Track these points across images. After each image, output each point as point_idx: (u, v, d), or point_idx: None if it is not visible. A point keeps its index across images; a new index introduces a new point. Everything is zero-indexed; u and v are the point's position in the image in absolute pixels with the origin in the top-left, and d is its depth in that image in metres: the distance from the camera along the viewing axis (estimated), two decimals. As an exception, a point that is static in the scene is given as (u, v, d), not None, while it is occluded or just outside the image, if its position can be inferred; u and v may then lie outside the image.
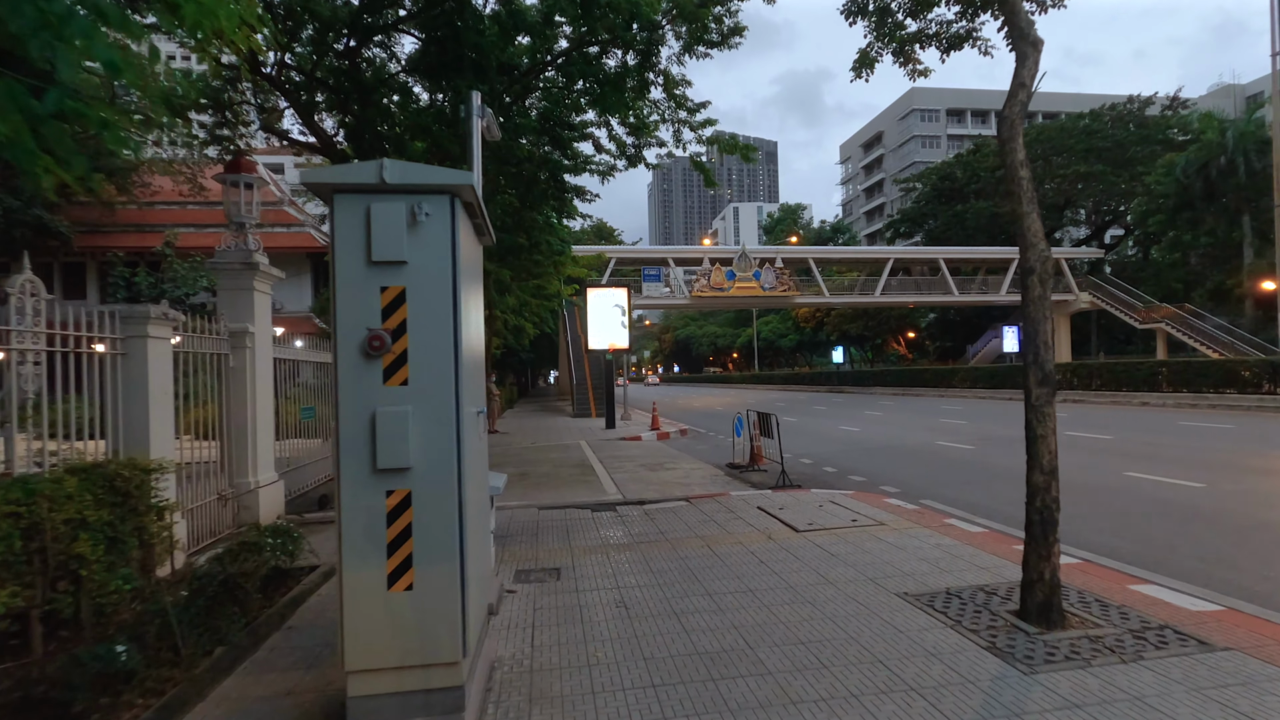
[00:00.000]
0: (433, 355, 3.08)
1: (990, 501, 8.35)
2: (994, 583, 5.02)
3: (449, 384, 3.09)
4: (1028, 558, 4.24)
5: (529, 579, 5.51)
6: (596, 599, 4.98)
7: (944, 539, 6.29)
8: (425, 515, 3.02)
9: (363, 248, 3.03)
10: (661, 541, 6.56)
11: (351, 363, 3.01)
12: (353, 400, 2.99)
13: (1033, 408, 4.34)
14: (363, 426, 2.98)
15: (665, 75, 13.92)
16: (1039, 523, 4.22)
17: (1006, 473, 10.24)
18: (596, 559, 6.03)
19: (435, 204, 3.12)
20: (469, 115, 6.15)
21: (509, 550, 6.38)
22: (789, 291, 43.11)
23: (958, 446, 13.50)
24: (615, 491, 9.37)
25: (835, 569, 5.47)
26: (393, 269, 3.06)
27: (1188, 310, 37.90)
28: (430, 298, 3.09)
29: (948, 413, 22.95)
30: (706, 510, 7.89)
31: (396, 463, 2.98)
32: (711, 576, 5.40)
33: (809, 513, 7.54)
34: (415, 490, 3.01)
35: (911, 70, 9.86)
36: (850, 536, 6.47)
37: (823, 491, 8.91)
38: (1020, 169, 4.55)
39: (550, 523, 7.52)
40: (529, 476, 10.90)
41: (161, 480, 5.15)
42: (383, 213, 3.03)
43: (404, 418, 2.99)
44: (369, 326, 3.02)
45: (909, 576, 5.23)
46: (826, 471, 11.17)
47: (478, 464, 3.60)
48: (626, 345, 21.69)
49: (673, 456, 13.39)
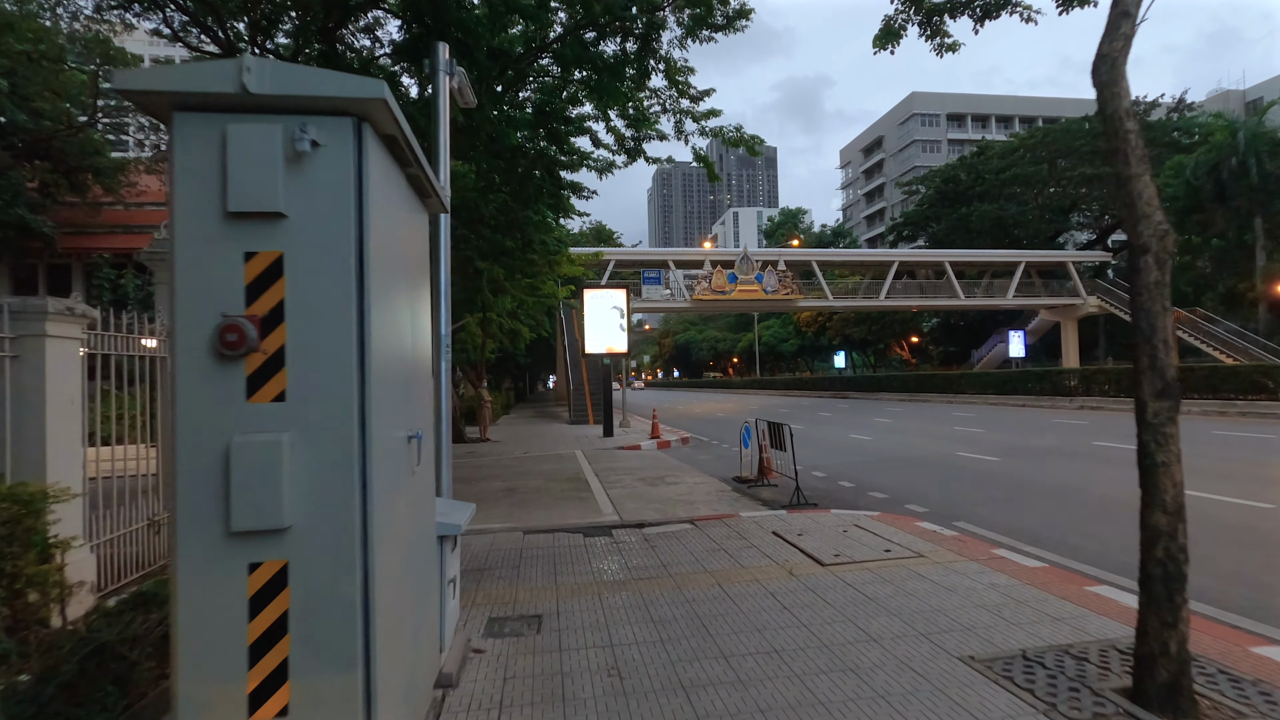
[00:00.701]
0: (325, 357, 2.07)
1: (1035, 525, 7.32)
2: (1079, 642, 3.99)
3: (349, 399, 2.08)
4: (1145, 623, 3.22)
5: (503, 630, 4.48)
6: (584, 662, 3.95)
7: (998, 576, 5.27)
8: (310, 600, 2.00)
9: (216, 192, 2.02)
10: (664, 578, 5.53)
11: (196, 367, 2.00)
12: (196, 425, 1.98)
13: (1149, 426, 3.31)
14: (211, 465, 1.97)
15: (667, 62, 12.97)
16: (1161, 578, 3.20)
17: (1044, 489, 9.22)
18: (586, 602, 5.00)
19: (331, 130, 2.11)
20: (434, 71, 5.16)
21: (483, 589, 5.35)
22: (792, 295, 42.09)
23: (981, 458, 12.47)
24: (611, 511, 8.33)
25: (877, 619, 4.44)
26: (263, 226, 2.05)
27: (1199, 314, 36.92)
28: (323, 270, 2.09)
29: (961, 420, 21.92)
30: (714, 535, 6.86)
31: (262, 521, 1.96)
32: (725, 629, 4.37)
33: (833, 540, 6.51)
34: (294, 562, 2.00)
35: (939, 45, 8.87)
36: (886, 572, 5.44)
37: (844, 513, 7.88)
38: (1125, 120, 3.54)
39: (536, 551, 6.49)
40: (517, 492, 9.86)
41: (66, 508, 4.18)
42: (247, 139, 2.02)
43: (275, 451, 1.97)
44: (224, 312, 2.01)
45: (970, 631, 4.21)
46: (843, 487, 10.14)
47: (410, 510, 2.58)
48: (625, 349, 20.65)
49: (674, 468, 12.36)
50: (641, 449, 16.02)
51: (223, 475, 1.95)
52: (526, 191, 15.24)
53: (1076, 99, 78.63)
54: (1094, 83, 3.70)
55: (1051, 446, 13.75)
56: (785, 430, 9.15)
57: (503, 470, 12.38)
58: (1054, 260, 45.00)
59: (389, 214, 2.41)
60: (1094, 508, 8.01)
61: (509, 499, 9.30)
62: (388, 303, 2.35)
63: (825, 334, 64.43)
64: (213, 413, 1.98)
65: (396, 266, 2.51)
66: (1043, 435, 16.09)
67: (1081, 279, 44.18)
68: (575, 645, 4.20)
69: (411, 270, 2.80)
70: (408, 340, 2.63)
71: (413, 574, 2.68)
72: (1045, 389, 29.39)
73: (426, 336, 3.06)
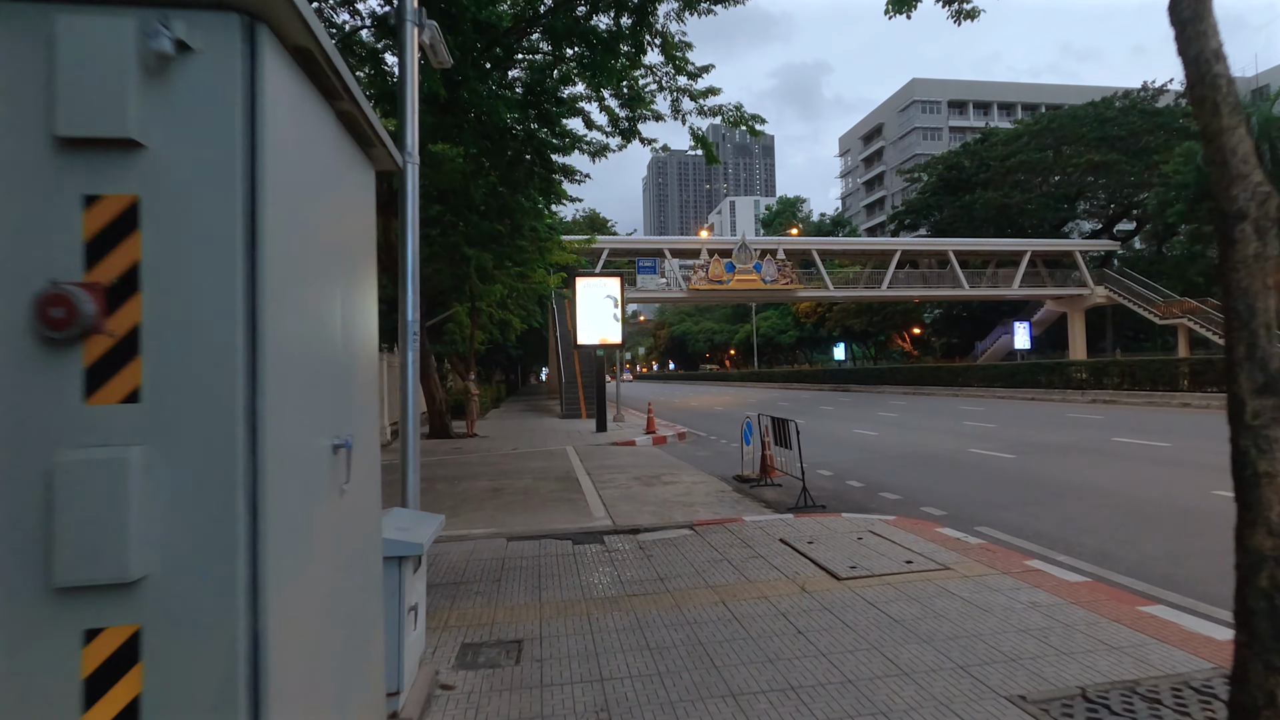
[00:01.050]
0: (200, 342, 1.50)
1: (1064, 530, 6.78)
2: (1146, 678, 3.44)
3: (231, 399, 1.50)
4: (1246, 667, 2.67)
5: (477, 660, 3.92)
6: (568, 702, 3.40)
7: (1037, 593, 4.72)
8: (171, 680, 1.44)
9: (41, 109, 1.44)
10: (661, 594, 4.98)
11: (8, 356, 1.42)
12: (4, 436, 1.40)
13: (1248, 429, 2.74)
14: (26, 492, 1.40)
15: (664, 36, 12.34)
16: (1267, 613, 2.65)
17: (1068, 490, 8.68)
18: (573, 623, 4.45)
19: (210, 30, 1.53)
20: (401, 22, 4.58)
21: (458, 607, 4.79)
22: (791, 284, 41.39)
23: (995, 455, 11.92)
24: (603, 514, 7.77)
25: (906, 647, 3.89)
26: (111, 160, 1.48)
27: (1211, 305, 36.34)
28: (199, 222, 1.51)
29: (969, 414, 21.38)
30: (716, 543, 6.31)
31: (101, 572, 1.40)
32: (732, 658, 3.82)
33: (847, 548, 5.96)
34: (149, 628, 1.44)
35: (957, 12, 8.29)
36: (911, 588, 4.89)
37: (855, 516, 7.33)
38: (1214, 62, 2.96)
39: (520, 561, 5.93)
40: (503, 493, 9.29)
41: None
42: (84, 36, 1.44)
43: (121, 472, 1.41)
44: (53, 279, 1.44)
45: (1015, 663, 3.65)
46: (851, 486, 9.59)
47: (336, 537, 2.02)
48: (619, 340, 20.04)
49: (671, 466, 11.80)
50: (636, 445, 15.47)
51: (44, 507, 1.38)
52: (516, 176, 14.62)
53: (1080, 85, 77.85)
54: (1172, 21, 3.10)
55: (1069, 442, 13.21)
56: (791, 427, 8.59)
57: (489, 468, 11.81)
58: (1060, 249, 44.35)
59: (305, 156, 1.83)
60: (1126, 511, 7.46)
61: (493, 500, 8.73)
62: (302, 272, 1.78)
63: (824, 325, 63.77)
64: (30, 418, 1.40)
65: (319, 227, 1.94)
66: (1057, 430, 15.55)
67: (1088, 268, 43.60)
68: (559, 679, 3.64)
69: (347, 237, 2.23)
70: (336, 325, 2.05)
71: (344, 614, 2.12)
72: (1056, 382, 28.78)
73: (370, 323, 2.48)
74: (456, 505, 8.44)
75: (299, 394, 1.73)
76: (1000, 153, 49.62)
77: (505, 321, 22.50)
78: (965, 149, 55.17)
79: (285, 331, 1.66)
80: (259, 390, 1.53)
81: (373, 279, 2.52)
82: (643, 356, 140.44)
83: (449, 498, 8.97)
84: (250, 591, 1.49)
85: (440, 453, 14.23)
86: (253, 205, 1.54)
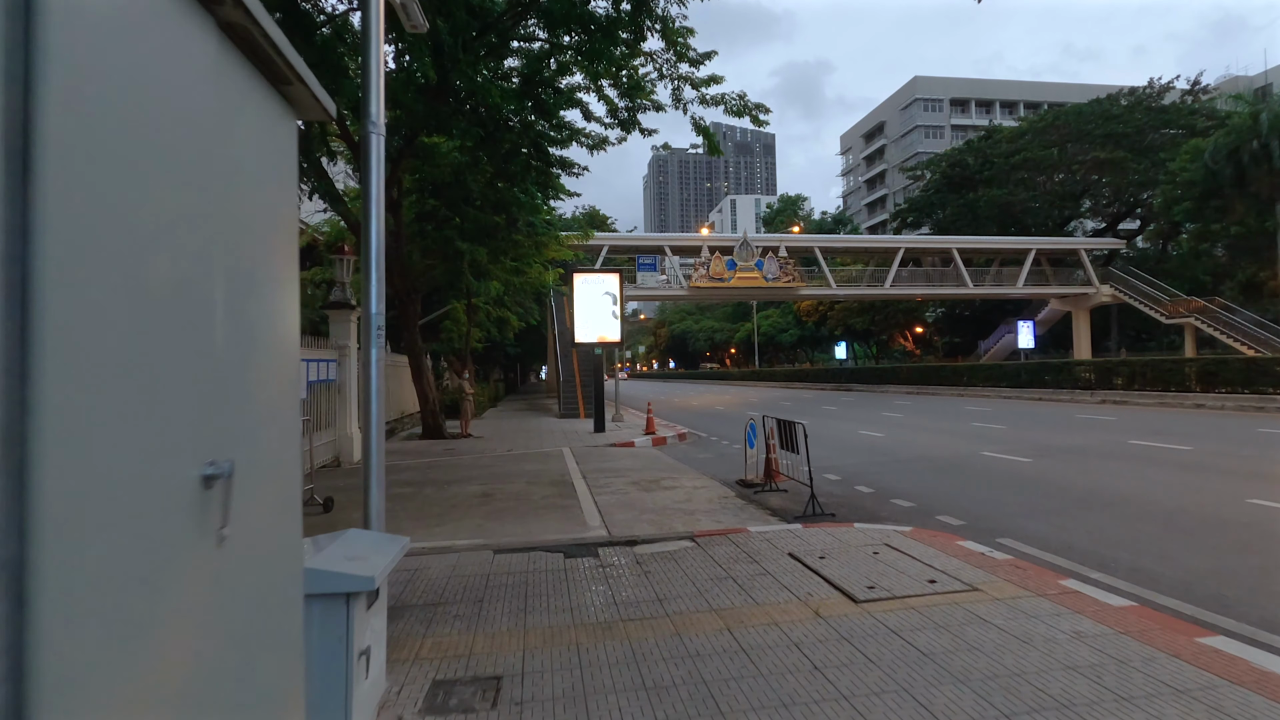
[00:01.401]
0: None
1: (1095, 543, 6.26)
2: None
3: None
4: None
5: (449, 704, 3.40)
6: (548, 760, 2.89)
7: (1080, 620, 4.20)
8: None
9: None
10: (659, 618, 4.47)
11: None
12: None
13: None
14: None
15: (664, 21, 11.82)
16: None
17: (1092, 497, 8.17)
18: (561, 655, 3.93)
19: None
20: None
21: (433, 635, 4.28)
22: (793, 282, 40.86)
23: (1011, 459, 11.40)
24: (599, 523, 7.26)
25: (940, 689, 3.38)
26: None
27: (1218, 304, 35.79)
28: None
29: (976, 415, 20.85)
30: (719, 557, 5.80)
31: None
32: (741, 701, 3.31)
33: (862, 564, 5.45)
34: None
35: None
36: (938, 613, 4.37)
37: (869, 527, 6.82)
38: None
39: (505, 578, 5.42)
40: (493, 499, 8.78)
41: None
42: None
43: None
44: None
45: (1068, 710, 3.14)
46: (861, 492, 9.08)
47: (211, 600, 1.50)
48: (618, 338, 19.50)
49: (671, 469, 11.29)
50: (635, 446, 14.96)
51: None
52: (512, 168, 14.11)
53: (1082, 84, 77.24)
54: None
55: (1085, 445, 12.68)
56: (799, 430, 8.08)
57: (480, 471, 11.29)
58: (1065, 247, 43.80)
59: (146, 73, 1.32)
60: (1159, 521, 6.95)
61: (483, 507, 8.21)
62: (133, 238, 1.26)
63: (826, 324, 63.22)
64: None
65: (175, 182, 1.42)
66: (1070, 432, 15.02)
67: (1093, 267, 43.05)
68: (541, 729, 3.13)
69: (240, 202, 1.71)
70: (214, 315, 1.53)
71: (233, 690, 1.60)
72: (1063, 382, 28.20)
73: (287, 315, 1.97)
74: (443, 512, 7.94)
75: (128, 404, 1.22)
76: (1005, 150, 49.08)
77: (503, 319, 21.99)
78: (969, 146, 54.64)
79: (106, 319, 1.14)
80: (32, 405, 1.01)
81: (292, 260, 2.01)
82: (643, 355, 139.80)
83: (436, 504, 8.46)
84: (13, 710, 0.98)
85: (432, 454, 13.72)
86: (25, 107, 1.02)
